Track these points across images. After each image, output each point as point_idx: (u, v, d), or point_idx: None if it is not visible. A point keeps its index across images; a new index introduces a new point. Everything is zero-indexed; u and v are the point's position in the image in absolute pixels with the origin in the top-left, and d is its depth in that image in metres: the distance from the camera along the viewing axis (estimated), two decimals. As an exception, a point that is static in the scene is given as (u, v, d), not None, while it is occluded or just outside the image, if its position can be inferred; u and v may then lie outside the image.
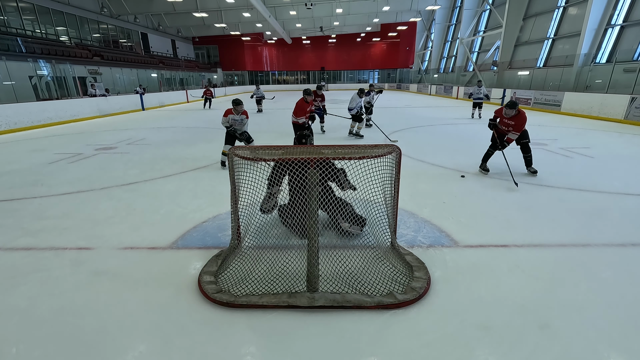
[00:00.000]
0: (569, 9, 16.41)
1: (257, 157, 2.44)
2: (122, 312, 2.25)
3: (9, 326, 2.14)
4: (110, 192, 4.67)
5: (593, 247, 3.05)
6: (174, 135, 9.56)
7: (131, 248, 3.11)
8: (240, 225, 2.95)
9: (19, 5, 17.18)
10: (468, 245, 3.10)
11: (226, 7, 25.36)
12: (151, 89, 21.92)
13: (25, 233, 3.43)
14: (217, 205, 4.04)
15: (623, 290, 2.43)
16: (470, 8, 24.48)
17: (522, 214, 3.79)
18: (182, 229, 3.47)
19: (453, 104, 18.84)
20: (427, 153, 6.79)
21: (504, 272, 2.66)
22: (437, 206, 4.03)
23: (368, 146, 2.87)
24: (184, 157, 6.73)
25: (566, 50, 16.06)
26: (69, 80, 15.97)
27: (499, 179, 5.08)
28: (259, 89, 15.73)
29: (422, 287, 2.40)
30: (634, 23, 13.04)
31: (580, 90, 14.02)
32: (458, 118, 12.93)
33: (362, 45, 41.90)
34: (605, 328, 2.07)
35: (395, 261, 2.78)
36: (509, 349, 1.92)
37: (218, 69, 38.03)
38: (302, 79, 44.18)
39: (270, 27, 30.45)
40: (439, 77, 30.75)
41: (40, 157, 6.85)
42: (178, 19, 29.04)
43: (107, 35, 24.06)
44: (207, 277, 2.54)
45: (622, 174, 5.33)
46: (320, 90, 9.22)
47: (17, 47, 14.91)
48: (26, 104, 11.61)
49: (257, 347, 1.97)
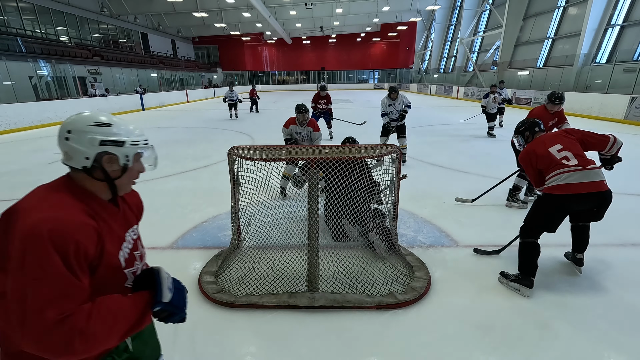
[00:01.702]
0: (569, 9, 16.41)
1: (258, 157, 2.44)
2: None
3: (9, 326, 2.14)
4: (110, 192, 4.67)
5: (593, 247, 3.04)
6: (174, 135, 9.56)
7: (131, 248, 3.10)
8: (241, 225, 2.95)
9: (19, 5, 17.17)
10: (468, 245, 3.10)
11: (226, 7, 25.35)
12: (151, 89, 21.93)
13: (26, 233, 3.43)
14: (217, 205, 4.03)
15: (623, 291, 2.43)
16: (470, 8, 24.47)
17: (522, 214, 3.78)
18: (182, 229, 3.47)
19: (453, 104, 18.85)
20: (427, 153, 6.78)
21: (504, 272, 2.66)
22: (437, 206, 4.03)
23: (368, 146, 2.87)
24: (184, 157, 6.73)
25: (566, 50, 16.06)
26: (69, 80, 15.97)
27: (499, 179, 5.07)
28: (233, 91, 12.92)
29: (422, 287, 2.40)
30: (634, 23, 13.04)
31: (580, 90, 14.02)
32: (460, 122, 12.88)
33: (362, 45, 41.89)
34: (605, 328, 2.07)
35: (395, 261, 2.78)
36: (509, 349, 1.93)
37: (218, 69, 38.04)
38: (302, 79, 44.17)
39: (270, 27, 30.44)
40: (439, 77, 30.75)
41: (40, 157, 6.85)
42: (178, 19, 29.03)
43: (107, 35, 24.05)
44: (207, 277, 2.54)
45: (622, 174, 5.32)
46: (324, 91, 8.37)
47: (17, 47, 14.90)
48: (26, 104, 11.61)
49: (258, 347, 1.98)
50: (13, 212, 0.85)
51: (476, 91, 20.75)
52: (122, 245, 1.00)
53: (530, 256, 2.40)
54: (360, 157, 2.43)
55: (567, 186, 2.30)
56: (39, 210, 0.83)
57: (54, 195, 0.91)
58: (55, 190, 0.93)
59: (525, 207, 3.98)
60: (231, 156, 2.69)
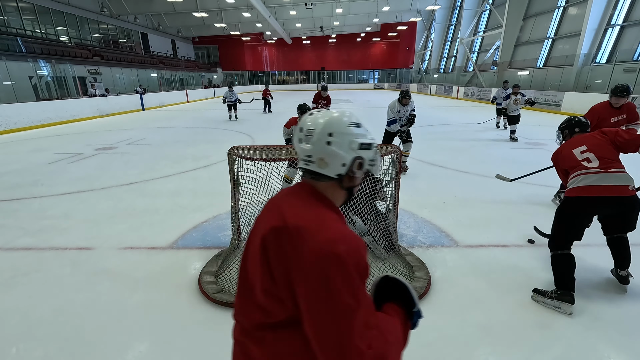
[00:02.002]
0: (569, 9, 16.40)
1: (258, 157, 2.44)
2: (122, 312, 2.25)
3: (9, 326, 2.14)
4: (110, 192, 4.67)
5: (593, 247, 3.04)
6: (174, 135, 9.56)
7: (131, 248, 3.11)
8: (241, 225, 2.95)
9: (19, 5, 17.17)
10: (468, 245, 3.10)
11: (226, 7, 25.35)
12: (151, 89, 21.92)
13: (25, 233, 3.43)
14: (217, 205, 4.03)
15: (623, 290, 2.43)
16: (470, 8, 24.48)
17: (522, 213, 3.79)
18: (182, 229, 3.47)
19: (453, 104, 18.85)
20: (427, 153, 6.78)
21: (503, 272, 2.66)
22: (437, 206, 4.03)
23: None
24: (184, 157, 6.73)
25: (566, 50, 16.06)
26: (69, 80, 15.97)
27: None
28: (233, 91, 12.38)
29: (422, 287, 2.40)
30: (634, 23, 13.04)
31: (580, 90, 14.02)
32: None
33: (362, 45, 41.89)
34: (605, 328, 2.07)
35: (395, 261, 2.78)
36: (509, 349, 1.93)
37: (218, 69, 38.03)
38: (302, 79, 44.17)
39: (270, 27, 30.44)
40: (439, 77, 30.76)
41: (40, 157, 6.85)
42: (178, 19, 29.03)
43: (107, 35, 24.05)
44: (207, 277, 2.54)
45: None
46: (326, 91, 8.10)
47: (17, 47, 14.90)
48: (26, 104, 11.61)
49: (257, 347, 1.97)
50: (294, 231, 0.74)
51: (476, 91, 20.75)
52: None
53: (564, 269, 2.20)
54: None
55: (582, 189, 2.19)
56: (325, 229, 0.74)
57: (320, 210, 0.80)
58: (314, 204, 0.82)
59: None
60: (231, 156, 2.69)
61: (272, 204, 0.86)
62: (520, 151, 7.02)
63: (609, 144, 2.30)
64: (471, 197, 4.35)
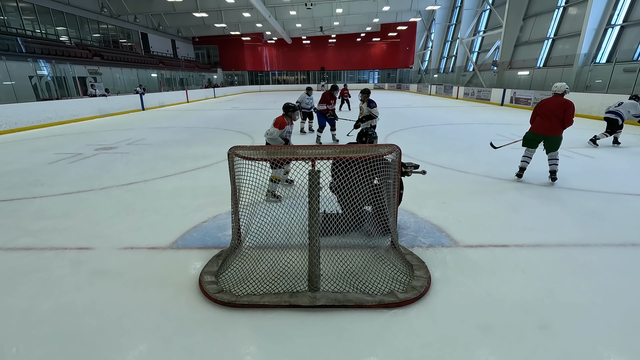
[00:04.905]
0: (569, 9, 16.41)
1: (258, 157, 2.44)
2: (122, 312, 2.25)
3: (9, 326, 2.14)
4: (110, 192, 4.67)
5: (593, 247, 3.05)
6: (174, 135, 9.56)
7: (131, 248, 3.11)
8: (241, 225, 2.95)
9: (19, 5, 17.18)
10: (468, 245, 3.10)
11: (226, 7, 25.36)
12: (151, 89, 21.93)
13: (25, 233, 3.43)
14: (217, 205, 4.03)
15: (623, 290, 2.43)
16: (470, 8, 24.49)
17: (522, 213, 3.79)
18: (182, 229, 3.46)
19: (453, 104, 18.85)
20: (427, 153, 6.78)
21: (503, 272, 2.66)
22: (437, 206, 4.03)
23: (368, 146, 2.87)
24: (184, 157, 6.73)
25: (566, 50, 16.07)
26: (69, 80, 15.97)
27: (499, 179, 5.08)
28: (311, 96, 9.01)
29: (422, 286, 2.40)
30: (634, 23, 13.05)
31: (581, 90, 14.02)
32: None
33: (362, 45, 41.90)
34: (605, 328, 2.07)
35: (395, 260, 2.78)
36: (509, 349, 1.92)
37: (218, 69, 38.04)
38: (302, 79, 44.20)
39: (270, 27, 30.45)
40: (439, 77, 30.76)
41: (40, 157, 6.84)
42: (178, 19, 29.04)
43: (107, 35, 24.06)
44: (207, 277, 2.53)
45: (622, 174, 5.33)
46: (336, 91, 7.94)
47: (17, 47, 14.91)
48: (26, 104, 11.60)
49: (258, 346, 1.97)
50: None
51: (476, 91, 20.74)
52: None
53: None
54: (361, 157, 2.43)
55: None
56: None
57: None
58: None
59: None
60: (231, 156, 2.68)
61: None
62: (521, 151, 7.00)
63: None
64: (471, 197, 4.35)
